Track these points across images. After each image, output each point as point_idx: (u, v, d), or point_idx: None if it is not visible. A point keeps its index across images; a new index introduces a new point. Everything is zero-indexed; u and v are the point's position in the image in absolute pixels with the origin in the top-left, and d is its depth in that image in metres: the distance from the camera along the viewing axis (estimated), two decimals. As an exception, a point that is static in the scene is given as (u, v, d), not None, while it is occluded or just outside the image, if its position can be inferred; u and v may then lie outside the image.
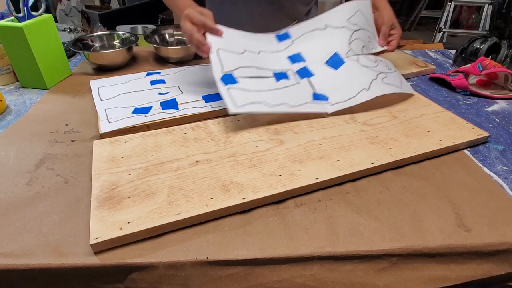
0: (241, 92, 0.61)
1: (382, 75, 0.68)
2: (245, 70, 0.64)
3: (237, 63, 0.64)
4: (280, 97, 0.62)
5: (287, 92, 0.64)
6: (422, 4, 3.34)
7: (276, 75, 0.67)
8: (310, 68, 0.70)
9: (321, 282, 0.42)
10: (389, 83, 0.67)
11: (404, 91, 0.69)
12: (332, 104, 0.64)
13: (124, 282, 0.41)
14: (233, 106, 0.58)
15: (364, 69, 0.69)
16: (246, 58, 0.66)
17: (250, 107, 0.59)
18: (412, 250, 0.42)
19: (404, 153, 0.55)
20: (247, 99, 0.60)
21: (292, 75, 0.68)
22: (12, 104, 0.73)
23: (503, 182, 0.53)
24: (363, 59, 0.71)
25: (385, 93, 0.65)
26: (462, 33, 2.96)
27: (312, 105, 0.64)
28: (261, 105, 0.60)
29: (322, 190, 0.50)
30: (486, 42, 0.89)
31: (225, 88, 0.60)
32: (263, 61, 0.68)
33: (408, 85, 0.73)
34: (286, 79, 0.67)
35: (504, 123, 0.68)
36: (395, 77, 0.71)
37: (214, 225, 0.45)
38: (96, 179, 0.50)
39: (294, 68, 0.70)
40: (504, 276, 0.44)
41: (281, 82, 0.66)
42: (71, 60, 0.94)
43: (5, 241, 0.42)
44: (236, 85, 0.61)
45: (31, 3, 0.73)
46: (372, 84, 0.66)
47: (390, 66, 0.74)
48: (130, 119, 0.64)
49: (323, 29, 0.73)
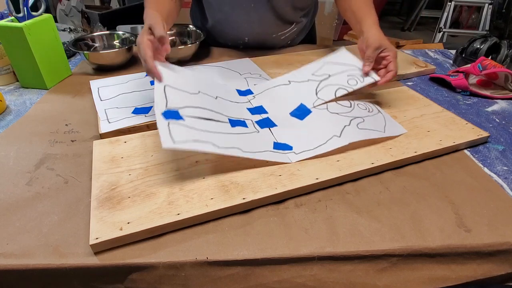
0: (184, 128, 0.50)
1: (358, 120, 0.60)
2: (194, 110, 0.54)
3: (185, 102, 0.55)
4: (233, 141, 0.53)
5: (242, 138, 0.55)
6: (422, 4, 3.34)
7: (231, 122, 0.58)
8: (272, 119, 0.62)
9: (321, 282, 0.42)
10: (365, 128, 0.59)
11: (388, 134, 0.59)
12: (297, 153, 0.55)
13: (124, 282, 0.41)
14: (168, 141, 0.46)
15: (334, 116, 0.62)
16: (198, 99, 0.57)
17: (190, 145, 0.48)
18: (412, 250, 0.42)
19: (404, 153, 0.55)
20: (189, 136, 0.49)
21: (251, 125, 0.60)
22: (12, 104, 0.73)
23: (503, 182, 0.53)
24: (334, 106, 0.64)
25: (359, 139, 0.56)
26: (462, 33, 2.96)
27: (271, 154, 0.54)
28: (207, 144, 0.49)
29: (322, 190, 0.50)
30: (486, 42, 0.89)
31: (165, 122, 0.49)
32: (219, 106, 0.60)
33: (396, 125, 0.62)
34: (244, 127, 0.58)
35: (504, 123, 0.68)
36: (377, 120, 0.62)
37: (214, 225, 0.45)
38: (96, 179, 0.50)
39: (254, 118, 0.62)
40: (504, 276, 0.44)
41: (237, 128, 0.57)
42: (71, 60, 0.94)
43: (5, 241, 0.42)
44: (180, 121, 0.51)
45: (31, 3, 0.73)
46: (345, 131, 0.57)
47: (371, 108, 0.65)
48: (130, 119, 0.64)
49: (287, 84, 0.69)
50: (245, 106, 0.65)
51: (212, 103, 0.59)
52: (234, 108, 0.63)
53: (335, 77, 0.68)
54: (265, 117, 0.63)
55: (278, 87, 0.69)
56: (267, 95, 0.68)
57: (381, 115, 0.64)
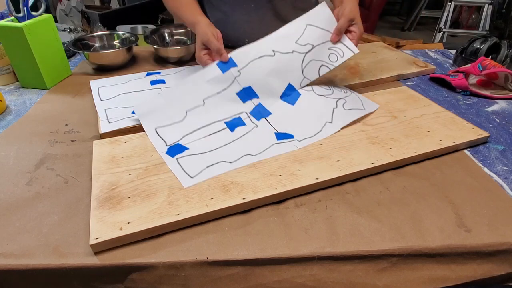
0: (193, 158, 0.54)
1: (342, 101, 0.65)
2: (192, 136, 0.58)
3: (181, 132, 0.59)
4: (240, 149, 0.56)
5: (246, 140, 0.58)
6: (422, 4, 3.34)
7: (229, 125, 0.61)
8: (265, 105, 0.65)
9: (321, 282, 0.42)
10: (350, 108, 0.64)
11: (368, 111, 0.65)
12: (300, 140, 0.58)
13: (124, 282, 0.41)
14: (186, 179, 0.50)
15: (321, 99, 0.65)
16: (189, 121, 0.60)
17: (207, 172, 0.51)
18: (412, 250, 0.42)
19: (404, 153, 0.55)
20: (202, 165, 0.52)
21: (247, 119, 0.62)
22: (12, 104, 0.73)
23: (503, 182, 0.53)
24: (318, 89, 0.67)
25: (349, 122, 0.61)
26: (462, 33, 2.96)
27: (278, 146, 0.57)
28: (221, 163, 0.53)
29: (322, 190, 0.50)
30: (486, 42, 0.89)
31: (173, 160, 0.53)
32: (210, 112, 0.62)
33: (368, 101, 0.68)
34: (242, 125, 0.61)
35: (504, 123, 0.68)
36: (354, 99, 0.67)
37: (214, 225, 0.45)
38: (96, 179, 0.50)
39: (247, 109, 0.64)
40: (504, 276, 0.44)
41: (237, 131, 0.60)
42: (71, 60, 0.94)
43: (5, 241, 0.42)
44: (186, 152, 0.55)
45: (31, 3, 0.73)
46: (335, 115, 0.62)
47: (345, 90, 0.70)
48: (130, 119, 0.64)
49: (272, 56, 0.65)
50: (233, 90, 0.64)
51: (202, 113, 0.62)
52: (225, 101, 0.63)
53: (318, 49, 0.67)
54: (257, 104, 0.64)
55: (263, 59, 0.65)
56: (253, 70, 0.65)
57: (355, 95, 0.70)
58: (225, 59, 0.64)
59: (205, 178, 0.50)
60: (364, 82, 0.80)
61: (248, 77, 0.65)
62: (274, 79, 0.66)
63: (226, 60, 0.64)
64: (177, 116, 0.61)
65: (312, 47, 0.67)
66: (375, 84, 0.82)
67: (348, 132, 0.60)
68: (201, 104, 0.62)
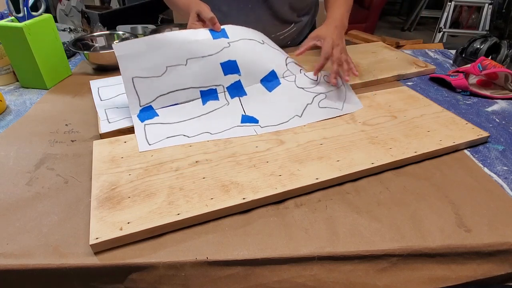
0: (158, 127, 0.57)
1: (320, 97, 0.65)
2: (166, 98, 0.59)
3: (156, 91, 0.59)
4: (202, 126, 0.59)
5: (212, 117, 0.60)
6: (422, 4, 3.34)
7: (203, 95, 0.62)
8: (243, 84, 0.65)
9: (321, 282, 0.42)
10: (325, 106, 0.64)
11: (346, 111, 0.65)
12: (262, 127, 0.60)
13: (124, 282, 0.41)
14: (144, 144, 0.54)
15: (300, 92, 0.66)
16: (167, 79, 0.60)
17: (164, 142, 0.55)
18: (412, 250, 0.42)
19: (404, 153, 0.55)
20: (163, 134, 0.56)
21: (221, 94, 0.63)
22: (12, 104, 0.73)
23: (503, 182, 0.53)
24: (301, 79, 0.68)
25: (318, 120, 0.62)
26: (462, 33, 2.96)
27: (238, 129, 0.59)
28: (179, 137, 0.56)
29: (322, 190, 0.50)
30: (486, 42, 0.89)
31: (141, 125, 0.56)
32: (190, 75, 0.62)
33: (354, 100, 0.68)
34: (215, 100, 0.62)
35: (504, 123, 0.68)
36: (337, 96, 0.67)
37: (214, 225, 0.45)
38: (96, 179, 0.50)
39: (226, 82, 0.64)
40: (504, 276, 0.44)
41: (209, 104, 0.61)
42: (71, 60, 0.94)
43: (5, 241, 0.42)
44: (155, 119, 0.58)
45: (31, 3, 0.73)
46: (306, 110, 0.63)
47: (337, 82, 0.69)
48: (130, 119, 0.63)
49: (261, 43, 0.68)
50: (218, 59, 0.63)
51: (182, 74, 0.61)
52: (208, 67, 0.63)
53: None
54: (236, 81, 0.64)
55: (254, 42, 0.67)
56: (243, 46, 0.66)
57: (343, 88, 0.69)
58: (217, 29, 0.65)
59: (160, 147, 0.55)
60: (364, 82, 0.80)
61: (236, 51, 0.65)
62: (259, 61, 0.66)
63: (219, 30, 0.65)
64: (157, 69, 0.60)
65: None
66: (375, 84, 0.82)
67: (348, 132, 0.60)
68: (183, 64, 0.61)
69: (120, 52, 0.59)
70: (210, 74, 0.63)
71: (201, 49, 0.63)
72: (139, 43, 0.60)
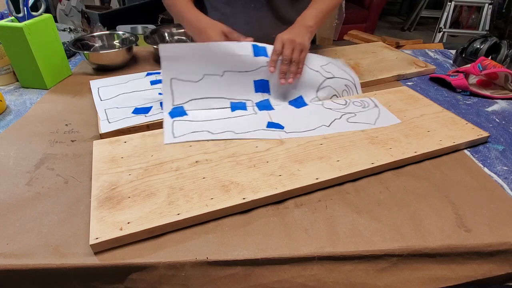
0: (186, 123, 0.60)
1: (349, 115, 0.65)
2: (198, 102, 0.63)
3: (190, 95, 0.63)
4: (228, 125, 0.60)
5: (239, 120, 0.62)
6: (422, 4, 3.34)
7: (233, 106, 0.65)
8: (271, 103, 0.67)
9: (321, 282, 0.42)
10: (355, 121, 0.63)
11: (378, 126, 0.62)
12: (287, 132, 0.60)
13: (124, 282, 0.41)
14: (169, 137, 0.57)
15: (327, 111, 0.67)
16: (202, 87, 0.64)
17: (188, 136, 0.57)
18: (412, 250, 0.42)
19: (404, 153, 0.55)
20: (189, 129, 0.58)
21: (250, 107, 0.66)
22: (12, 104, 0.73)
23: (503, 182, 0.53)
24: (329, 103, 0.69)
25: (347, 130, 0.61)
26: (462, 33, 2.96)
27: (263, 132, 0.59)
28: (204, 132, 0.58)
29: (322, 190, 0.50)
30: (486, 42, 0.89)
31: (170, 121, 0.59)
32: (223, 86, 0.65)
33: (389, 117, 0.65)
34: (243, 110, 0.65)
35: (504, 123, 0.68)
36: (369, 115, 0.65)
37: (214, 225, 0.45)
38: (96, 179, 0.50)
39: (255, 99, 0.67)
40: (504, 276, 0.44)
41: (236, 112, 0.64)
42: (71, 60, 0.94)
43: (5, 241, 0.42)
44: (184, 118, 0.60)
45: (31, 3, 0.73)
46: (334, 123, 0.63)
47: (367, 104, 0.69)
48: (130, 119, 0.64)
49: None
50: (252, 77, 0.66)
51: (217, 84, 0.65)
52: (240, 82, 0.66)
53: (336, 80, 0.72)
54: (266, 99, 0.67)
55: None
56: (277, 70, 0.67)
57: (377, 109, 0.67)
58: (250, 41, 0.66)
59: (185, 140, 0.56)
60: (364, 82, 0.80)
61: (269, 74, 0.67)
62: (290, 87, 0.69)
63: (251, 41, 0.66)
64: (195, 75, 0.64)
65: (333, 76, 0.71)
66: (375, 84, 0.82)
67: (348, 132, 0.60)
68: (219, 74, 0.65)
69: (164, 53, 0.62)
70: (242, 88, 0.66)
71: (240, 64, 0.66)
72: (184, 48, 0.63)
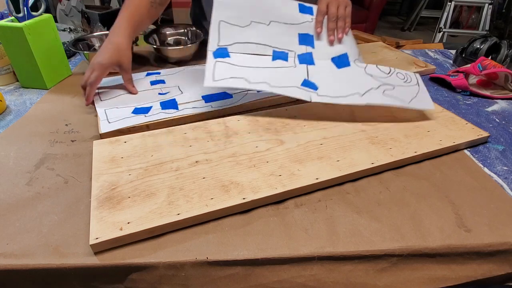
0: (226, 66, 0.61)
1: (387, 87, 0.63)
2: (242, 46, 0.64)
3: (236, 38, 0.64)
4: (265, 75, 0.61)
5: (276, 72, 0.63)
6: (422, 4, 3.34)
7: (275, 54, 0.66)
8: (314, 57, 0.67)
9: (321, 282, 0.42)
10: (391, 95, 0.62)
11: (412, 106, 0.62)
12: (319, 95, 0.61)
13: (124, 282, 0.41)
14: (209, 79, 0.58)
15: (367, 78, 0.65)
16: (248, 32, 0.65)
17: (227, 81, 0.59)
18: (412, 250, 0.42)
19: (404, 153, 0.55)
20: (228, 74, 0.60)
21: (292, 58, 0.66)
22: (12, 104, 0.73)
23: (503, 182, 0.53)
24: (372, 68, 0.67)
25: (379, 103, 0.60)
26: (462, 33, 2.96)
27: (296, 90, 0.60)
28: (241, 80, 0.59)
29: (322, 190, 0.50)
30: (486, 42, 0.89)
31: (213, 61, 0.61)
32: (268, 35, 0.67)
33: (427, 100, 0.64)
34: (284, 60, 0.66)
35: (504, 123, 0.68)
36: (408, 91, 0.64)
37: (214, 225, 0.45)
38: (96, 179, 0.50)
39: (298, 50, 0.67)
40: (504, 276, 0.44)
41: (277, 62, 0.65)
42: (71, 60, 0.94)
43: (5, 241, 0.42)
44: (226, 59, 0.62)
45: (31, 3, 0.73)
46: (369, 92, 0.61)
47: (410, 79, 0.68)
48: (130, 119, 0.63)
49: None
50: (297, 30, 0.68)
51: (261, 33, 0.66)
52: (285, 32, 0.68)
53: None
54: (309, 52, 0.68)
55: None
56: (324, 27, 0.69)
57: (417, 88, 0.66)
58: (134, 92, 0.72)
59: (222, 85, 0.59)
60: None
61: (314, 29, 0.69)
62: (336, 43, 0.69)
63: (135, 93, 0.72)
64: (243, 21, 0.66)
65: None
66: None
67: (348, 132, 0.60)
68: (266, 23, 0.67)
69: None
70: (286, 39, 0.68)
71: (286, 16, 0.68)
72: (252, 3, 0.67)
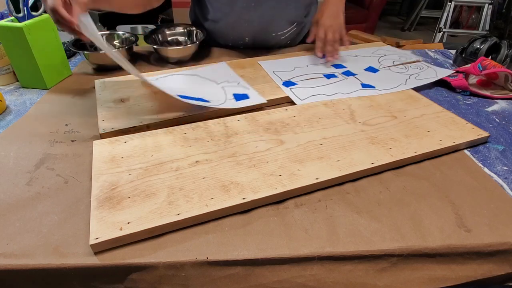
0: (301, 90, 0.76)
1: (415, 75, 0.83)
2: (299, 77, 0.81)
3: (291, 75, 0.82)
4: (334, 89, 0.76)
5: (338, 85, 0.78)
6: (422, 4, 3.34)
7: (325, 76, 0.82)
8: (352, 71, 0.85)
9: (321, 282, 0.42)
10: (422, 78, 0.81)
11: (441, 76, 0.81)
12: (379, 90, 0.75)
13: (124, 282, 0.41)
14: (298, 100, 0.71)
15: (396, 74, 0.84)
16: (297, 71, 0.84)
17: (310, 99, 0.72)
18: (412, 250, 0.42)
19: (404, 153, 0.55)
20: (308, 94, 0.74)
21: (338, 75, 0.83)
22: (12, 104, 0.73)
23: (503, 182, 0.53)
24: (394, 69, 0.86)
25: (422, 84, 0.78)
26: (462, 33, 2.97)
27: (363, 91, 0.75)
28: (320, 95, 0.73)
29: (322, 190, 0.50)
30: (486, 42, 0.89)
31: (288, 89, 0.76)
32: (311, 70, 0.85)
33: (442, 70, 0.85)
34: (335, 77, 0.82)
35: (504, 123, 0.68)
36: (429, 72, 0.84)
37: (214, 225, 0.45)
38: (96, 179, 0.50)
39: (337, 71, 0.85)
40: (504, 276, 0.44)
41: (331, 79, 0.81)
42: (71, 60, 0.94)
43: (5, 241, 0.42)
44: (296, 86, 0.77)
45: (31, 3, 0.73)
46: (409, 80, 0.80)
47: (422, 67, 0.88)
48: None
49: (354, 56, 0.93)
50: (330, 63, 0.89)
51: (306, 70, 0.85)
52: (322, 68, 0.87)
53: (390, 55, 0.95)
54: (346, 70, 0.85)
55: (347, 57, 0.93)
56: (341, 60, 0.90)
57: (432, 69, 0.86)
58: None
59: (310, 101, 0.71)
60: (364, 82, 0.81)
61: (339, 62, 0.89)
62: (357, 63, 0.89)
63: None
64: (288, 68, 0.86)
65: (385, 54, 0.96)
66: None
67: (348, 132, 0.60)
68: (304, 66, 0.87)
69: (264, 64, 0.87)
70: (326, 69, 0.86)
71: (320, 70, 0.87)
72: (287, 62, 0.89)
